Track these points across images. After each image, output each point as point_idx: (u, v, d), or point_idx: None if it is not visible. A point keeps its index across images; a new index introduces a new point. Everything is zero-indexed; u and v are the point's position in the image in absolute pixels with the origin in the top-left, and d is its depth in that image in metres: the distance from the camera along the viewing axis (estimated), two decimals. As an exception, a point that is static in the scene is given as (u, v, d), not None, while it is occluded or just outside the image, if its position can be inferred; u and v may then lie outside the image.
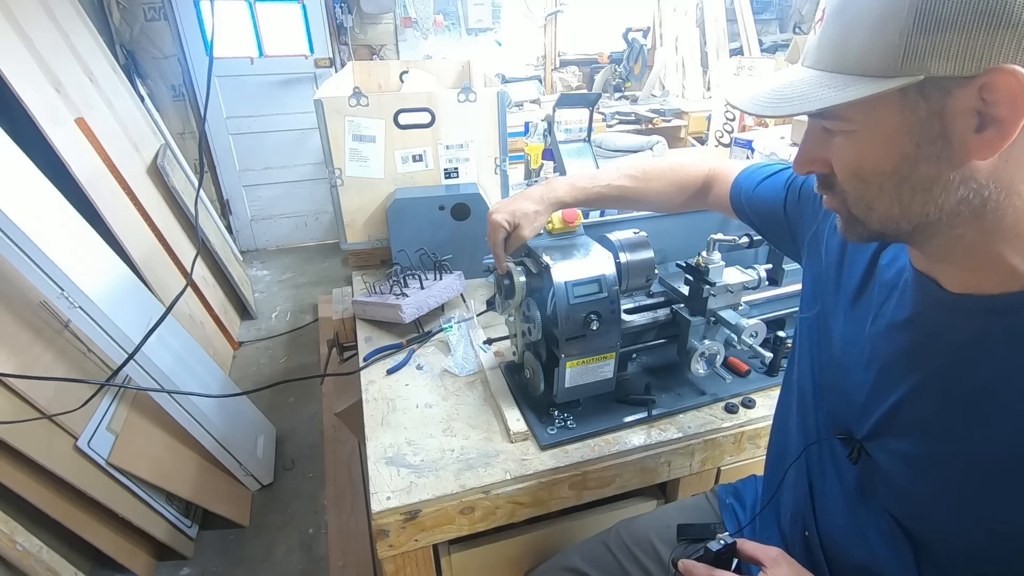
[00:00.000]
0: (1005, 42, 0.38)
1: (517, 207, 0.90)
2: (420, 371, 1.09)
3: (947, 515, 0.51)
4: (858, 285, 0.62)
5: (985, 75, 0.39)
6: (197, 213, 1.55)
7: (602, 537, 0.89)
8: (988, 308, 0.47)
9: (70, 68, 2.17)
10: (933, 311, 0.52)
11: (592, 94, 1.71)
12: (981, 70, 0.39)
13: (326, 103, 1.27)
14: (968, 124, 0.41)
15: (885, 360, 0.56)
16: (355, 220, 1.41)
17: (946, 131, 0.42)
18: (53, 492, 1.40)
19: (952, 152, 0.42)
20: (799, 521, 0.69)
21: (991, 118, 0.40)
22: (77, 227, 1.60)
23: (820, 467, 0.66)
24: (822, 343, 0.67)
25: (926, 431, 0.52)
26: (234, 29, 3.27)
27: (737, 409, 0.96)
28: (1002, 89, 0.38)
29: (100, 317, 1.44)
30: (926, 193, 0.45)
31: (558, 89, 3.95)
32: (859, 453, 0.58)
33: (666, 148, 2.22)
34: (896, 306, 0.56)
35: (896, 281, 0.57)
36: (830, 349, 0.65)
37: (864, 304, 0.61)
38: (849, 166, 0.48)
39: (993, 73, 0.38)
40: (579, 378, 0.89)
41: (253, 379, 2.56)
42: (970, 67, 0.39)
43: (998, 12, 0.37)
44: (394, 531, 0.80)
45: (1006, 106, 0.39)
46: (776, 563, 0.59)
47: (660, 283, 1.05)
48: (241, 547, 1.78)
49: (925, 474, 0.52)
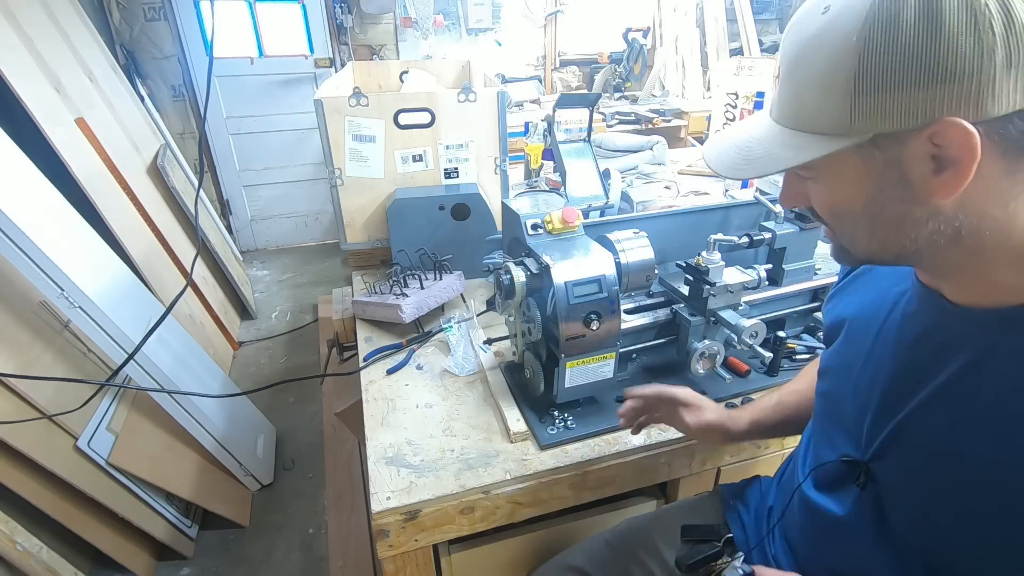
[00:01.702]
0: (944, 96, 0.39)
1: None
2: (420, 371, 1.09)
3: (957, 535, 0.50)
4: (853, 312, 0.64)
5: (932, 126, 0.41)
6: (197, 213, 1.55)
7: (604, 536, 0.89)
8: (993, 320, 0.47)
9: (70, 68, 2.17)
10: (939, 323, 0.52)
11: (592, 94, 1.71)
12: (926, 123, 0.41)
13: (326, 103, 1.27)
14: (925, 168, 0.43)
15: (892, 376, 0.56)
16: (355, 220, 1.41)
17: (905, 176, 0.44)
18: (53, 492, 1.40)
19: (915, 193, 0.44)
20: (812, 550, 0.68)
21: (947, 160, 0.41)
22: (77, 227, 1.60)
23: (832, 494, 0.64)
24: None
25: (933, 448, 0.51)
26: (234, 29, 3.27)
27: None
28: (951, 136, 0.40)
29: (100, 317, 1.44)
30: (899, 229, 0.46)
31: (558, 89, 3.95)
32: (866, 477, 0.57)
33: (666, 148, 2.22)
34: (901, 322, 0.56)
35: (894, 298, 0.58)
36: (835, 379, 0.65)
37: (859, 326, 0.62)
38: (823, 205, 0.51)
39: (940, 124, 0.40)
40: (579, 378, 0.89)
41: (253, 379, 2.56)
42: (914, 122, 0.41)
43: (932, 71, 0.39)
44: (394, 531, 0.80)
45: (958, 150, 0.40)
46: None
47: (660, 283, 1.05)
48: (241, 547, 1.77)
49: (935, 498, 0.51)
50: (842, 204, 0.49)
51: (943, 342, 0.51)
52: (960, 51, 0.38)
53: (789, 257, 1.09)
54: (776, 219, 1.09)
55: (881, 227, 0.47)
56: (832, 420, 0.65)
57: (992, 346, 0.47)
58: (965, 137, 0.40)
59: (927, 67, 0.39)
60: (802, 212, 0.77)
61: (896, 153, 0.43)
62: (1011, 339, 0.46)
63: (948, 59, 0.39)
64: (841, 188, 0.48)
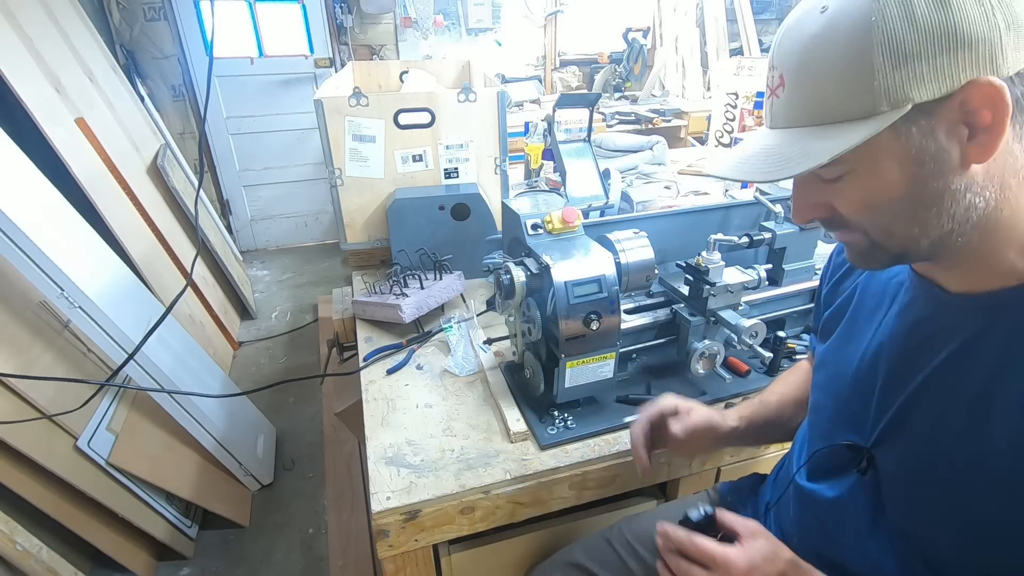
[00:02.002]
0: (965, 61, 0.41)
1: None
2: (420, 371, 1.09)
3: (950, 521, 0.51)
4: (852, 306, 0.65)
5: (961, 91, 0.42)
6: (197, 213, 1.55)
7: (604, 533, 0.90)
8: (986, 305, 0.49)
9: (70, 68, 2.17)
10: (934, 311, 0.53)
11: (592, 94, 1.71)
12: (956, 88, 0.42)
13: (326, 103, 1.27)
14: (960, 135, 0.44)
15: (891, 365, 0.57)
16: (355, 220, 1.41)
17: (941, 147, 0.45)
18: (53, 492, 1.40)
19: (952, 163, 0.45)
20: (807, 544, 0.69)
21: (978, 126, 0.43)
22: (77, 227, 1.60)
23: (827, 481, 0.65)
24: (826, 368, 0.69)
25: (930, 434, 0.52)
26: (234, 29, 3.27)
27: (737, 409, 0.96)
28: (981, 98, 0.42)
29: (100, 317, 1.44)
30: (939, 206, 0.47)
31: (558, 89, 3.95)
32: (868, 464, 0.58)
33: (666, 148, 2.22)
34: (898, 312, 0.57)
35: (894, 290, 0.59)
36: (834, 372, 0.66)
37: (861, 319, 0.63)
38: (858, 203, 0.49)
39: (968, 87, 0.42)
40: (579, 378, 0.89)
41: (253, 379, 2.56)
42: (946, 87, 0.42)
43: (950, 38, 0.41)
44: (394, 531, 0.80)
45: (989, 112, 0.42)
46: (754, 535, 0.59)
47: (660, 283, 1.05)
48: (241, 547, 1.78)
49: (931, 482, 0.52)
50: (880, 193, 0.48)
51: (936, 330, 0.53)
52: (971, 17, 0.41)
53: (789, 257, 1.09)
54: (776, 219, 1.09)
55: (922, 207, 0.47)
56: (830, 411, 0.66)
57: (982, 330, 0.49)
58: (997, 93, 0.41)
59: (945, 35, 0.41)
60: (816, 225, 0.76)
61: (930, 125, 0.44)
62: (1001, 322, 0.48)
63: (962, 25, 0.41)
64: (879, 175, 0.47)
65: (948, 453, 0.51)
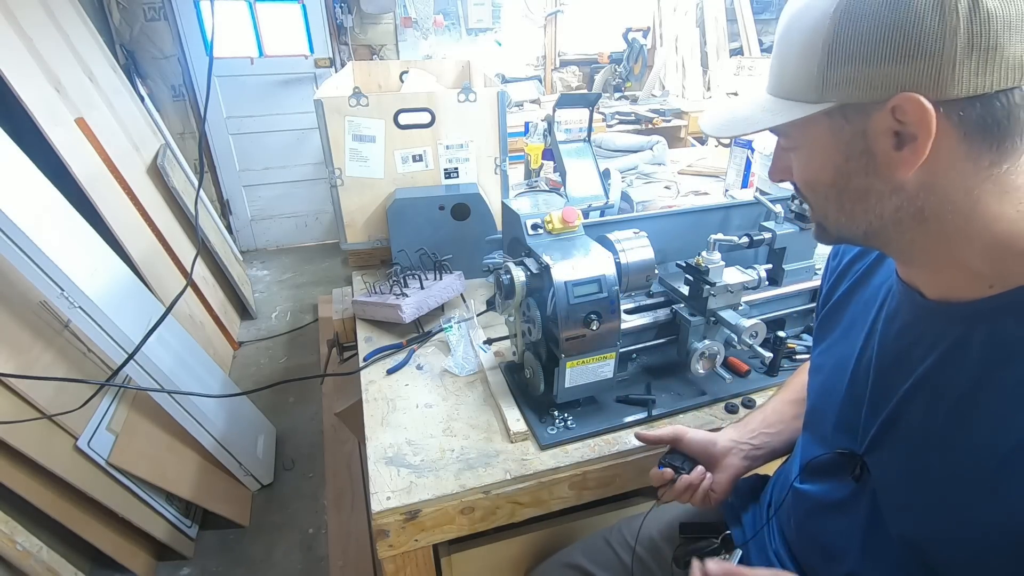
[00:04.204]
0: (907, 72, 0.41)
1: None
2: (420, 371, 1.09)
3: (944, 525, 0.51)
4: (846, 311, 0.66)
5: (894, 99, 0.42)
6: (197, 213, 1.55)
7: (603, 534, 0.90)
8: (963, 315, 0.49)
9: (70, 68, 2.17)
10: (916, 318, 0.54)
11: (592, 94, 1.71)
12: (889, 96, 0.42)
13: (326, 103, 1.27)
14: (887, 142, 0.45)
15: (880, 371, 0.57)
16: (355, 220, 1.41)
17: (869, 148, 0.46)
18: (53, 492, 1.40)
19: (878, 166, 0.46)
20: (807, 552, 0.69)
21: (907, 137, 0.43)
22: (77, 227, 1.60)
23: (825, 487, 0.65)
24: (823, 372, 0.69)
25: (918, 440, 0.53)
26: (234, 29, 3.27)
27: (737, 409, 0.96)
28: (910, 112, 0.42)
29: (100, 317, 1.44)
30: (864, 203, 0.48)
31: (558, 89, 3.95)
32: (861, 470, 0.58)
33: (666, 148, 2.22)
34: (886, 317, 0.58)
35: (884, 295, 0.59)
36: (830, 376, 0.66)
37: (855, 324, 0.63)
38: (800, 177, 0.53)
39: (900, 98, 0.42)
40: (579, 378, 0.89)
41: (253, 379, 2.56)
42: (878, 94, 0.43)
43: (898, 46, 0.41)
44: (394, 531, 0.80)
45: (916, 126, 0.42)
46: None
47: (660, 283, 1.05)
48: (241, 547, 1.78)
49: (920, 487, 0.52)
50: (813, 175, 0.51)
51: (919, 336, 0.53)
52: (925, 29, 0.40)
53: (789, 257, 1.09)
54: (776, 219, 1.09)
55: (848, 199, 0.49)
56: (825, 417, 0.66)
57: (963, 337, 0.49)
58: (922, 113, 0.41)
59: (893, 42, 0.41)
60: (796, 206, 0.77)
61: (862, 125, 0.45)
62: (980, 329, 0.48)
63: (912, 36, 0.40)
64: (814, 158, 0.50)
65: (936, 458, 0.51)
